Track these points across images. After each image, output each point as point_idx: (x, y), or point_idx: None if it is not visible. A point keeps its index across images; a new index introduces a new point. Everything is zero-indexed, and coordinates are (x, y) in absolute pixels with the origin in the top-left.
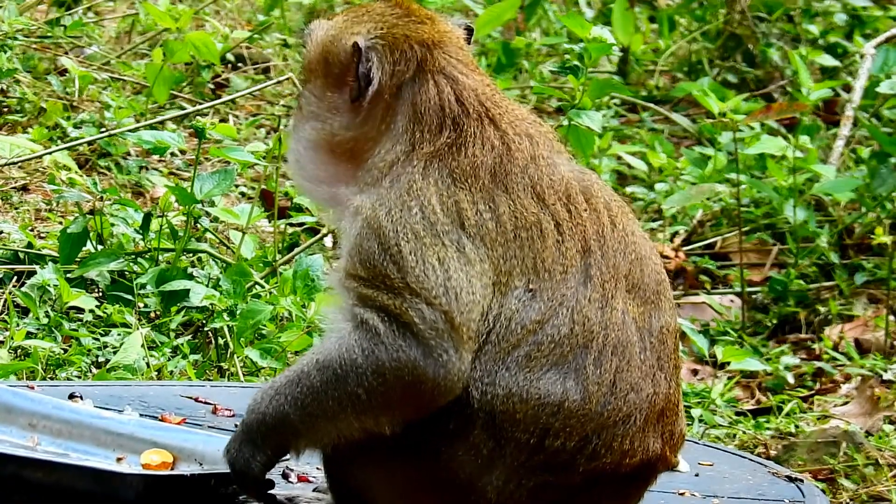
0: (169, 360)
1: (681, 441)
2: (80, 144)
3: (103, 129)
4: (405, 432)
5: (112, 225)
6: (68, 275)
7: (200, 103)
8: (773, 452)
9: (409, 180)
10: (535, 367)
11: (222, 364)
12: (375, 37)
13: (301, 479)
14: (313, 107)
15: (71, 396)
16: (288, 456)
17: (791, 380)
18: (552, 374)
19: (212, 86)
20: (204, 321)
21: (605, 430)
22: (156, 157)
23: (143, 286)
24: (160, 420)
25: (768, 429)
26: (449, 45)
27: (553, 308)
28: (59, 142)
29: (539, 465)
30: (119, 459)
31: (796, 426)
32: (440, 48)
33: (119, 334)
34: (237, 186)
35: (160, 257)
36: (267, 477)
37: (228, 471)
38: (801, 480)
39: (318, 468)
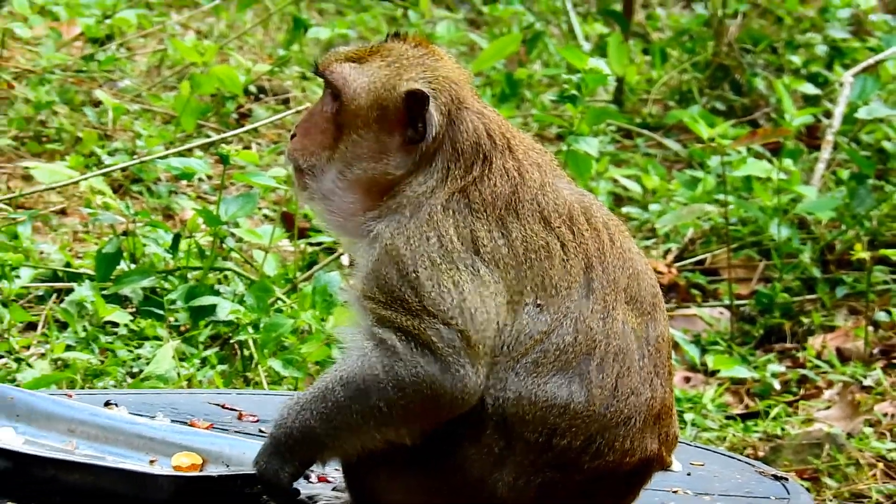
0: (198, 370)
1: (675, 442)
2: (114, 171)
3: (135, 157)
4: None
5: (144, 245)
6: (104, 292)
7: (225, 132)
8: (760, 453)
9: (429, 212)
10: (543, 372)
11: (247, 373)
12: (428, 81)
13: (321, 479)
14: (362, 149)
15: (106, 404)
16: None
17: (777, 386)
18: (558, 378)
19: (235, 115)
20: (230, 334)
21: (608, 430)
22: (184, 182)
23: (173, 302)
24: (189, 425)
25: (756, 431)
26: (466, 80)
27: (558, 319)
28: (94, 168)
29: (547, 464)
30: (151, 462)
31: (782, 429)
32: (465, 85)
33: (151, 346)
34: (260, 209)
35: (189, 275)
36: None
37: (253, 472)
38: (787, 479)
39: (336, 469)
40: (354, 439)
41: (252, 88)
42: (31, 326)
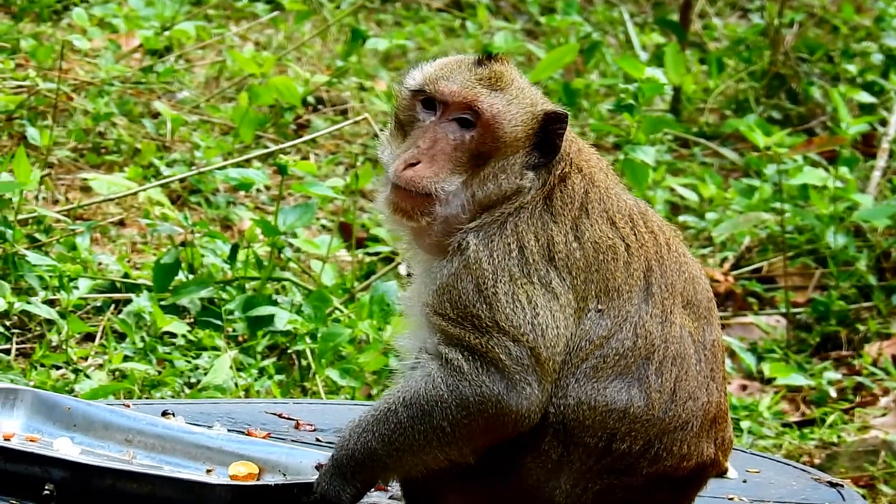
0: (255, 380)
1: (730, 447)
2: (173, 182)
3: (194, 168)
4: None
5: (202, 256)
6: (162, 302)
7: (283, 142)
8: (816, 461)
9: (516, 221)
10: (602, 377)
11: (305, 383)
12: (549, 103)
13: (378, 487)
14: (497, 172)
15: (164, 414)
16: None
17: (833, 394)
18: (618, 382)
19: (294, 126)
20: (288, 344)
21: (666, 434)
22: (242, 192)
23: (231, 312)
24: (246, 434)
25: (812, 439)
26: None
27: (619, 324)
28: (152, 180)
29: (605, 469)
30: (209, 471)
31: (838, 436)
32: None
33: (209, 357)
34: (318, 219)
35: (247, 285)
36: None
37: (310, 481)
38: (842, 486)
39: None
40: (416, 460)
41: (310, 99)
42: (90, 337)
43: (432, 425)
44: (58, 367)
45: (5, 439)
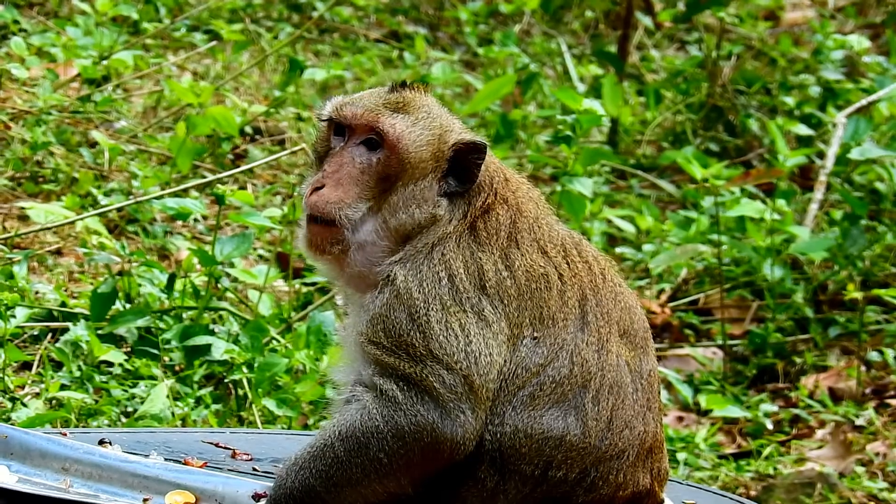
0: (192, 409)
1: (666, 477)
2: (110, 211)
3: (131, 197)
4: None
5: (139, 285)
6: (99, 331)
7: (221, 172)
8: (753, 493)
9: (442, 251)
10: (539, 405)
11: (242, 413)
12: (468, 133)
13: None
14: (407, 198)
15: (101, 442)
16: None
17: (770, 426)
18: (554, 411)
19: (231, 156)
20: (225, 373)
21: (602, 463)
22: (179, 222)
23: (168, 341)
24: (183, 464)
25: (748, 471)
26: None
27: (554, 352)
28: (90, 209)
29: (541, 497)
30: (145, 500)
31: (775, 468)
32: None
33: (146, 386)
34: (255, 249)
35: (184, 315)
36: None
37: None
38: None
39: None
40: (355, 493)
41: (248, 129)
42: (26, 366)
43: (369, 457)
44: None
45: None
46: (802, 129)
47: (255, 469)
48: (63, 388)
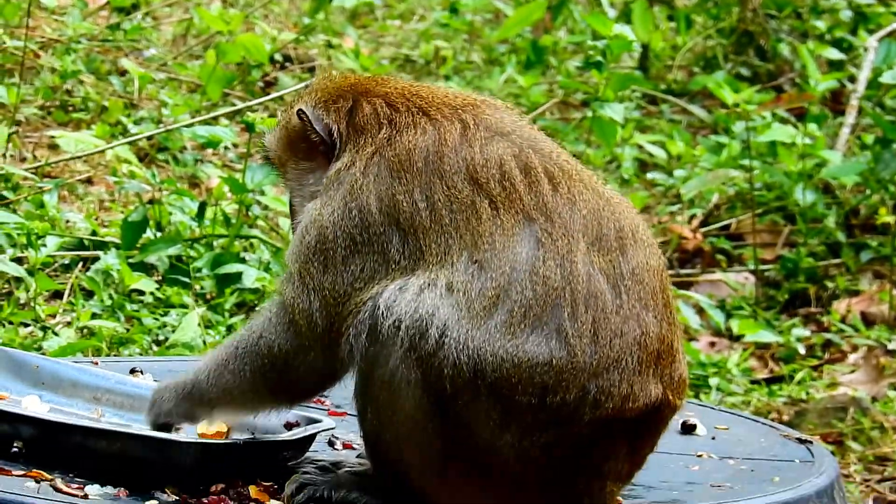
0: (223, 337)
1: (682, 384)
2: (140, 139)
3: (161, 125)
4: (429, 408)
5: (170, 213)
6: (130, 260)
7: (251, 100)
8: (785, 417)
9: (351, 181)
10: (518, 332)
11: None
12: (314, 99)
13: (346, 446)
14: (304, 181)
15: (132, 371)
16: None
17: (802, 350)
18: (535, 336)
19: (261, 84)
20: (256, 301)
21: (599, 377)
22: (210, 150)
23: (199, 270)
24: None
25: (781, 396)
26: (373, 79)
27: (505, 274)
28: (120, 137)
29: (546, 422)
30: (177, 429)
31: (807, 393)
32: (366, 82)
33: (177, 314)
34: None
35: (215, 243)
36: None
37: (280, 438)
38: (811, 442)
39: (360, 436)
40: (227, 398)
41: (278, 57)
42: (57, 295)
43: (241, 368)
44: (26, 325)
45: None
46: (834, 54)
47: None
48: (94, 316)
